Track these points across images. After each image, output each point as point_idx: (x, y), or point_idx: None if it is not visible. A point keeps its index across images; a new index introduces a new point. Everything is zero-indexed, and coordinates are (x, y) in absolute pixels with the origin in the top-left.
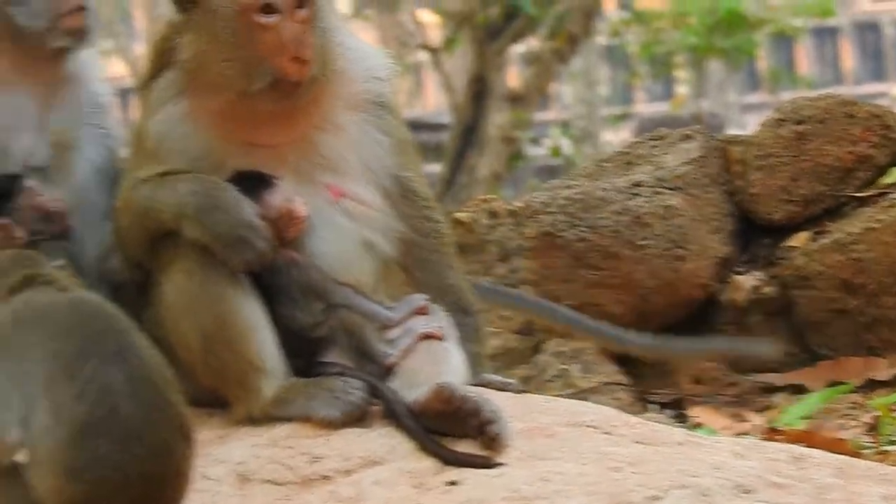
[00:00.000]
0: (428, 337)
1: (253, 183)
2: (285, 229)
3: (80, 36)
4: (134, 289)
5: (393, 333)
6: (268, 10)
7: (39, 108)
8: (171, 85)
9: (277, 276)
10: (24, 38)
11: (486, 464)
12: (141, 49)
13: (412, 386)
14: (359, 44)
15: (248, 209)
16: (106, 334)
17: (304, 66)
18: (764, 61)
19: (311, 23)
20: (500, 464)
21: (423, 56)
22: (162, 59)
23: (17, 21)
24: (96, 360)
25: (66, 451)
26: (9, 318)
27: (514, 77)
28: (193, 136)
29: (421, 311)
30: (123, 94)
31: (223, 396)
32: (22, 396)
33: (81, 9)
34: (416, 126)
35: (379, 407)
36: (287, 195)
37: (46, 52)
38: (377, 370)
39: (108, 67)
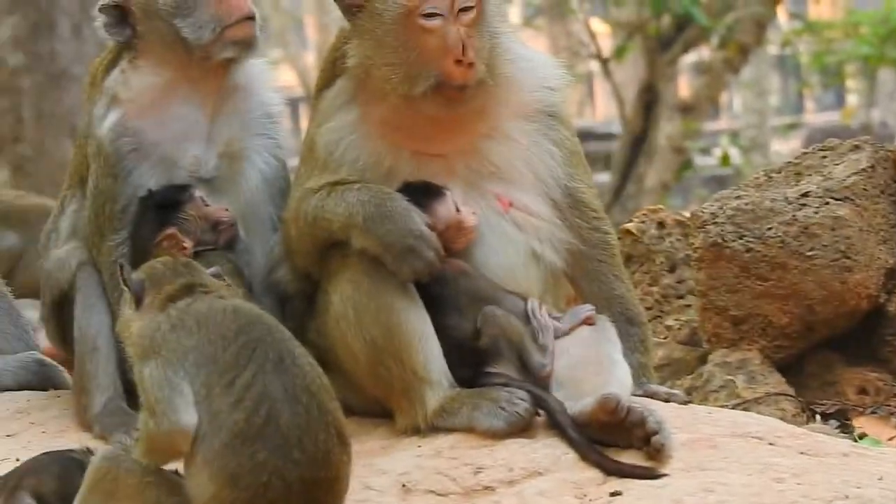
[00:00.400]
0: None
1: (422, 193)
2: (454, 239)
3: (247, 46)
4: (301, 299)
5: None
6: (431, 13)
7: (208, 118)
8: (340, 94)
9: (444, 287)
10: (190, 50)
11: (650, 475)
12: (312, 58)
13: (577, 396)
14: (530, 52)
15: (417, 219)
16: (265, 342)
17: (468, 70)
18: None
19: (476, 26)
20: (664, 475)
21: (593, 65)
22: (332, 68)
23: (183, 33)
24: (255, 367)
25: (225, 458)
26: (167, 324)
27: (684, 87)
28: (363, 146)
29: (587, 322)
30: (294, 103)
31: (388, 406)
32: (184, 394)
33: (248, 18)
34: (586, 136)
35: (543, 417)
36: (456, 205)
37: (213, 64)
38: (542, 381)
39: (278, 76)
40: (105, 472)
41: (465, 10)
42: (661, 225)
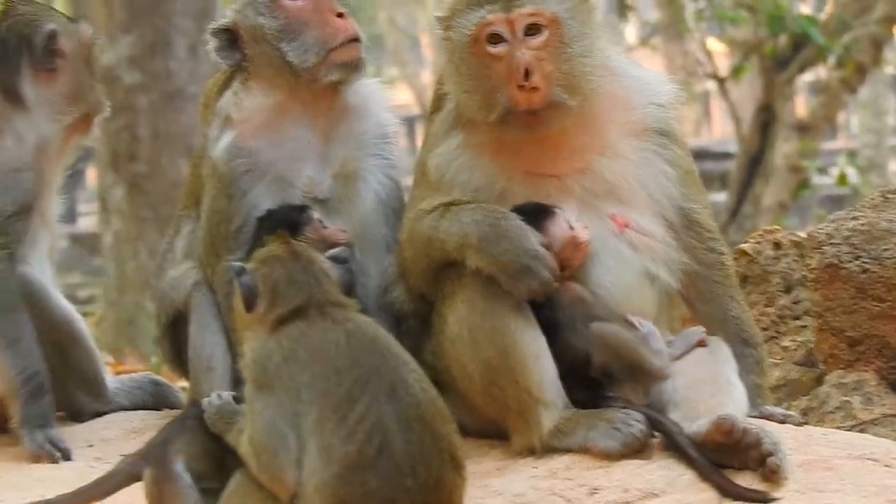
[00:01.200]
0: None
1: (533, 214)
2: (570, 258)
3: (353, 68)
4: (416, 319)
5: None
6: (495, 39)
7: (321, 139)
8: (447, 118)
9: (559, 307)
10: (297, 74)
11: (765, 499)
12: (428, 76)
13: (693, 418)
14: (639, 70)
15: (532, 237)
16: (378, 372)
17: (532, 94)
18: None
19: (550, 48)
20: (776, 498)
21: (710, 85)
22: (442, 91)
23: (288, 57)
24: (368, 399)
25: (335, 487)
26: (279, 354)
27: (801, 106)
28: (474, 168)
29: (700, 344)
30: (410, 121)
31: (503, 427)
32: (296, 437)
33: (353, 41)
34: (702, 155)
35: (658, 439)
36: (569, 222)
37: (322, 86)
38: (659, 403)
39: (394, 95)
40: (241, 481)
41: (532, 33)
42: (776, 245)
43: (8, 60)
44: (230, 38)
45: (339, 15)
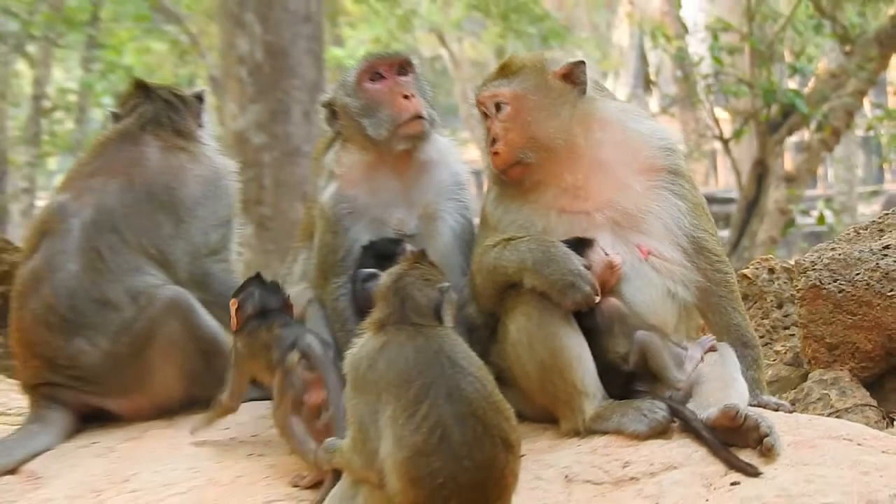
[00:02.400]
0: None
1: (577, 243)
2: (607, 278)
3: (418, 139)
4: (485, 330)
5: (680, 366)
6: (484, 115)
7: (407, 188)
8: (490, 170)
9: (598, 317)
10: (376, 143)
11: (756, 472)
12: None
13: (705, 406)
14: (639, 123)
15: (576, 260)
16: (437, 382)
17: (494, 157)
18: None
19: (514, 120)
20: (759, 473)
21: (716, 145)
22: None
23: (367, 131)
24: (430, 401)
25: (407, 467)
26: (366, 363)
27: (789, 161)
28: (515, 211)
29: (711, 350)
30: (478, 174)
31: (554, 414)
32: (375, 429)
33: (417, 117)
34: (710, 200)
35: (678, 423)
36: (604, 250)
37: (399, 150)
38: (677, 395)
39: (465, 152)
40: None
41: (499, 110)
42: (771, 271)
43: (176, 111)
44: (331, 110)
45: (407, 97)
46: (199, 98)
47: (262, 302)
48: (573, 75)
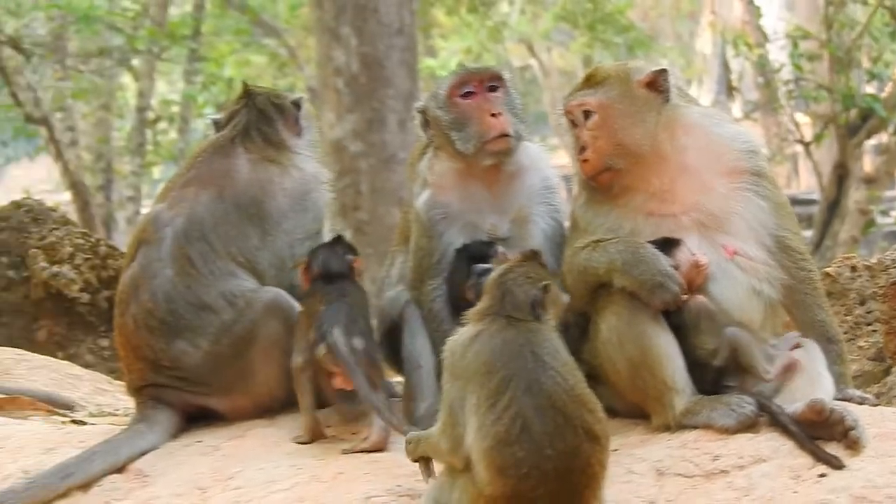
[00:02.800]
0: (791, 367)
1: (665, 244)
2: (693, 278)
3: (503, 155)
4: (576, 329)
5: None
6: (572, 124)
7: (499, 194)
8: (579, 176)
9: (686, 315)
10: (463, 155)
11: (841, 464)
12: None
13: (791, 401)
14: (726, 128)
15: (664, 261)
16: (518, 375)
17: (584, 164)
18: None
19: (602, 128)
20: (844, 465)
21: (798, 148)
22: None
23: (455, 145)
24: (510, 393)
25: (493, 456)
26: (459, 351)
27: (868, 164)
28: (604, 214)
29: (795, 347)
30: (568, 178)
31: (645, 410)
32: (463, 416)
33: (504, 136)
34: (793, 201)
35: (765, 418)
36: (690, 251)
37: (484, 165)
38: (765, 389)
39: (555, 158)
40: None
41: (588, 118)
42: (853, 269)
43: (270, 122)
44: (424, 117)
45: (494, 115)
46: (297, 105)
47: (325, 265)
48: (657, 83)
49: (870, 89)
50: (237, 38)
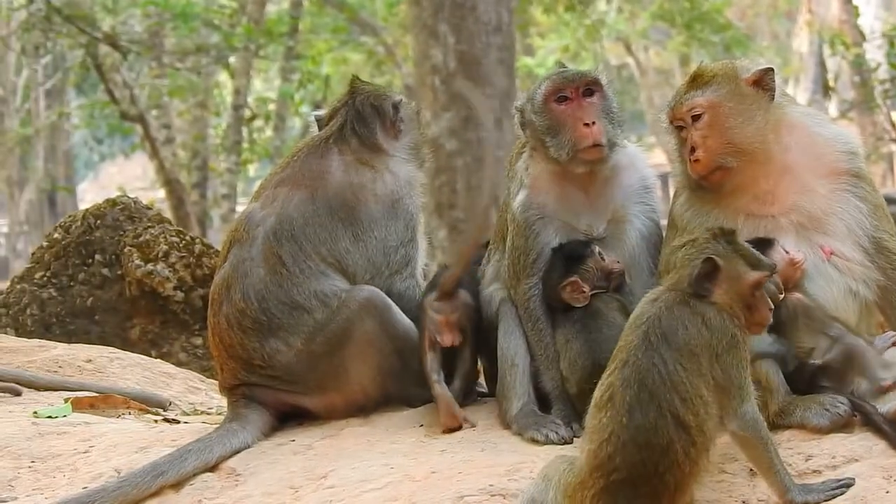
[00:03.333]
0: None
1: (760, 243)
2: (790, 276)
3: (596, 163)
4: None
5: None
6: (680, 128)
7: (595, 195)
8: (680, 177)
9: (782, 313)
10: (557, 161)
11: None
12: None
13: (884, 401)
14: (824, 127)
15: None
16: (629, 347)
17: (695, 164)
18: None
19: (712, 127)
20: None
21: (894, 147)
22: None
23: (549, 150)
24: (615, 364)
25: (589, 419)
26: (634, 316)
27: None
28: (706, 213)
29: (893, 345)
30: (664, 177)
31: None
32: None
33: (596, 145)
34: (888, 200)
35: (858, 418)
36: (784, 249)
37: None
38: (858, 389)
39: (651, 157)
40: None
41: (697, 119)
42: None
43: (366, 124)
44: (522, 118)
45: (588, 124)
46: (396, 107)
47: None
48: (763, 82)
49: None
50: (334, 36)
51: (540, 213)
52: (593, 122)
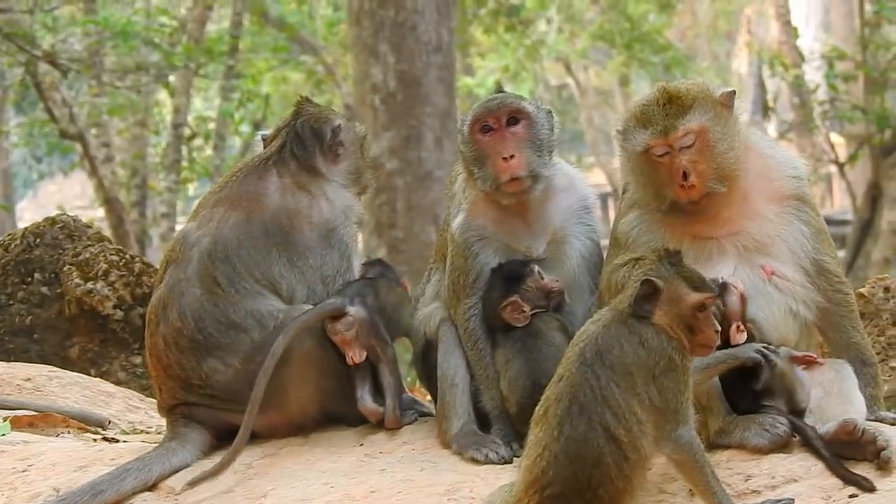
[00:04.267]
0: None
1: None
2: (738, 322)
3: (521, 194)
4: None
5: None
6: (661, 152)
7: (534, 218)
8: (629, 197)
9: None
10: (484, 191)
11: (872, 487)
12: (617, 163)
13: (824, 421)
14: (776, 151)
15: None
16: (569, 364)
17: (690, 191)
18: None
19: (701, 152)
20: (875, 488)
21: (832, 168)
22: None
23: (477, 182)
24: (555, 381)
25: (528, 438)
26: (577, 334)
27: None
28: (651, 233)
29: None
30: (604, 197)
31: None
32: None
33: (515, 180)
34: (827, 221)
35: (798, 438)
36: (728, 278)
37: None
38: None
39: (592, 177)
40: None
41: (687, 145)
42: (886, 290)
43: (304, 147)
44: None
45: (507, 158)
46: (335, 131)
47: None
48: (730, 103)
49: None
50: (274, 55)
51: (479, 234)
52: (511, 156)
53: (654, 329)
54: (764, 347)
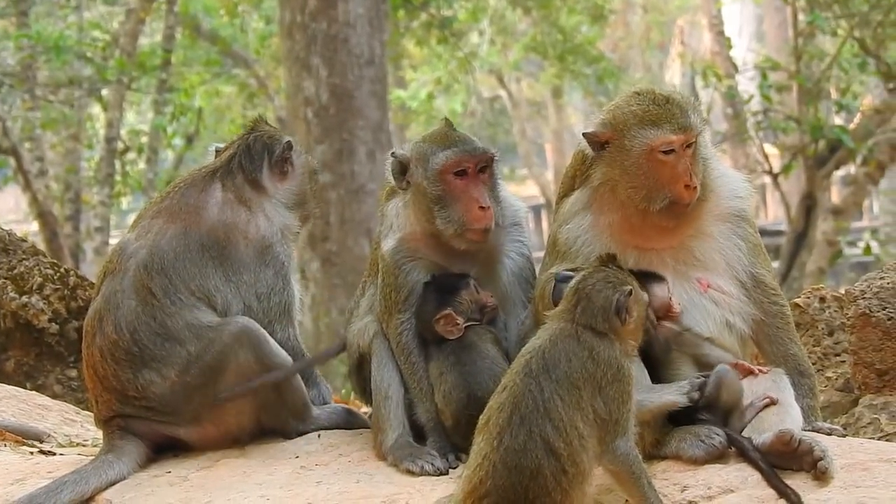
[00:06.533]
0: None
1: (646, 276)
2: (662, 317)
3: (479, 244)
4: None
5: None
6: (668, 149)
7: None
8: (577, 202)
9: (656, 346)
10: (440, 233)
11: (799, 501)
12: (550, 174)
13: (760, 431)
14: (725, 170)
15: None
16: (513, 375)
17: (693, 191)
18: None
19: (694, 156)
20: (801, 502)
21: (766, 179)
22: (571, 182)
23: (436, 222)
24: (499, 392)
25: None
26: (525, 345)
27: (836, 195)
28: (596, 242)
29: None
30: (536, 209)
31: None
32: None
33: (486, 231)
34: (761, 232)
35: (733, 449)
36: (670, 292)
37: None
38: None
39: (523, 190)
40: None
41: (689, 145)
42: (822, 300)
43: (252, 160)
44: (402, 167)
45: (484, 207)
46: (285, 148)
47: None
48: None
49: (838, 120)
50: (207, 69)
51: (410, 253)
52: (488, 207)
53: (608, 340)
54: (699, 376)
